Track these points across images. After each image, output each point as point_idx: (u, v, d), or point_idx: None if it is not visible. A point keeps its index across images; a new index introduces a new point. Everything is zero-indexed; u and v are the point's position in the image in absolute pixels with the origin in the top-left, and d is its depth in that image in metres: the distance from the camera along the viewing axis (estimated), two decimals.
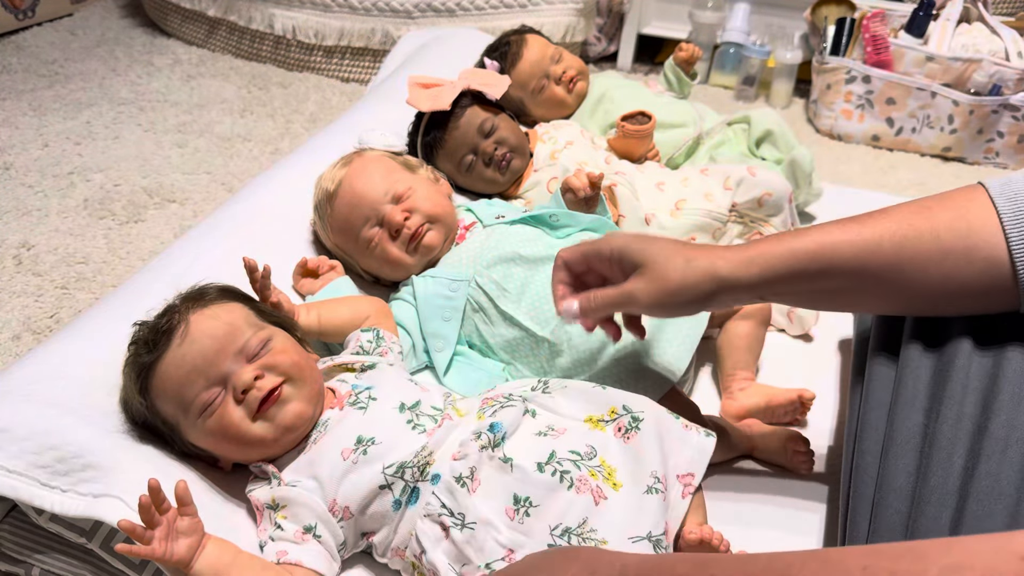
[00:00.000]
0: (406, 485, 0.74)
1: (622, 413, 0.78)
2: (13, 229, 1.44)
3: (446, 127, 1.22)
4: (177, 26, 2.27)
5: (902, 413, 0.70)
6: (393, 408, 0.78)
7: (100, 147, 1.72)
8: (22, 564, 0.77)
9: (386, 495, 0.74)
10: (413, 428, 0.77)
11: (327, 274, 1.04)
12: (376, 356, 0.88)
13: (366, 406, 0.78)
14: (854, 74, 1.87)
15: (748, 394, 1.01)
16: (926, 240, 0.66)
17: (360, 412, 0.78)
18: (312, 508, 0.74)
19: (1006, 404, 0.64)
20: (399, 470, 0.74)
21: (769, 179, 1.25)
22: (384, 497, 0.74)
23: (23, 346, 1.18)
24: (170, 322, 0.75)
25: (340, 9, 2.04)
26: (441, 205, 1.07)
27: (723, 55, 2.13)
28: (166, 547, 0.65)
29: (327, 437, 0.77)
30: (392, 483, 0.74)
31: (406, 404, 0.79)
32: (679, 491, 0.75)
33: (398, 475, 0.74)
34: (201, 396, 0.74)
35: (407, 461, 0.74)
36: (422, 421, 0.78)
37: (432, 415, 0.79)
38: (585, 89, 1.48)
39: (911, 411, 0.69)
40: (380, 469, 0.74)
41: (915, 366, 0.71)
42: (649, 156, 1.36)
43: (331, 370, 0.86)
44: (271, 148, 1.77)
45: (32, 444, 0.70)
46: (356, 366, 0.86)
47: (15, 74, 2.02)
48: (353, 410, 0.78)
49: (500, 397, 0.80)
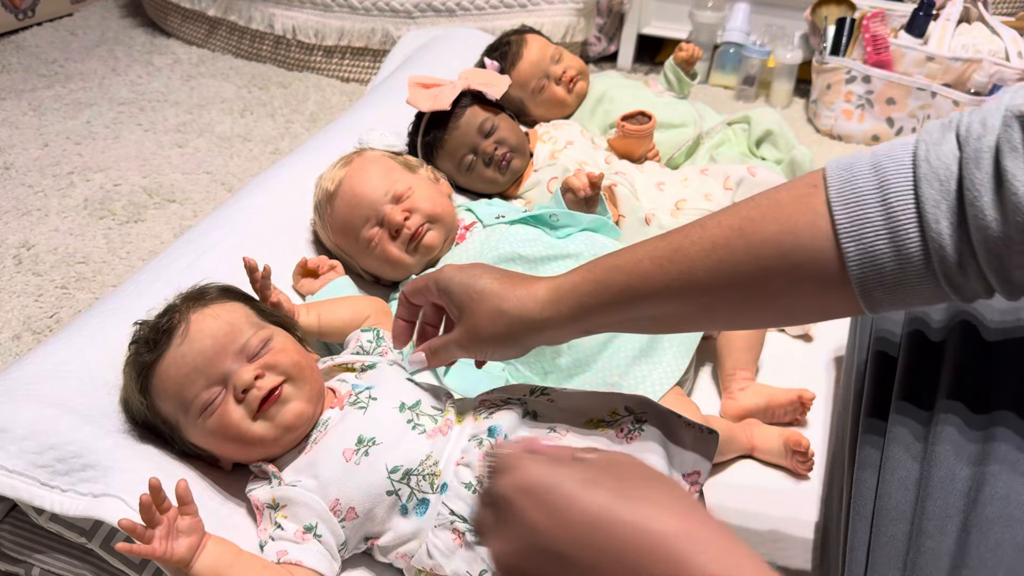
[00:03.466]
0: (412, 492, 0.74)
1: (623, 414, 0.78)
2: (13, 229, 1.44)
3: (446, 127, 1.22)
4: (177, 26, 2.27)
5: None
6: (393, 408, 0.78)
7: (100, 147, 1.72)
8: (22, 564, 0.77)
9: (393, 500, 0.74)
10: (413, 428, 0.77)
11: (327, 274, 1.04)
12: (376, 356, 0.88)
13: (366, 406, 0.78)
14: (854, 74, 1.87)
15: (748, 394, 1.01)
16: (743, 263, 0.59)
17: (360, 412, 0.78)
18: (313, 508, 0.73)
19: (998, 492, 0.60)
20: (405, 476, 0.74)
21: (769, 179, 1.25)
22: (390, 502, 0.74)
23: (23, 346, 1.18)
24: (171, 321, 0.75)
25: (340, 9, 2.04)
26: (441, 205, 1.07)
27: (723, 55, 2.13)
28: (166, 546, 0.65)
29: (328, 437, 0.77)
30: (399, 489, 0.74)
31: (406, 404, 0.79)
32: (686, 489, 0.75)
33: (404, 481, 0.74)
34: (201, 395, 0.74)
35: (412, 468, 0.74)
36: (422, 421, 0.78)
37: (432, 415, 0.79)
38: (585, 89, 1.48)
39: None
40: (384, 472, 0.74)
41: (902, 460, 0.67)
42: (649, 156, 1.36)
43: (331, 370, 0.86)
44: (271, 148, 1.77)
45: (32, 444, 0.70)
46: (356, 366, 0.86)
47: (15, 74, 2.02)
48: (353, 410, 0.78)
49: (498, 400, 0.80)
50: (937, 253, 0.53)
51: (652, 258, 0.63)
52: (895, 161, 0.55)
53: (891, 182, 0.54)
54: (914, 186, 0.53)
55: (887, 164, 0.55)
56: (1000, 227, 0.50)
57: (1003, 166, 0.50)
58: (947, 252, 0.52)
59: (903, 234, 0.53)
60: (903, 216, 0.53)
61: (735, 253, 0.59)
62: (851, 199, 0.55)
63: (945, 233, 0.52)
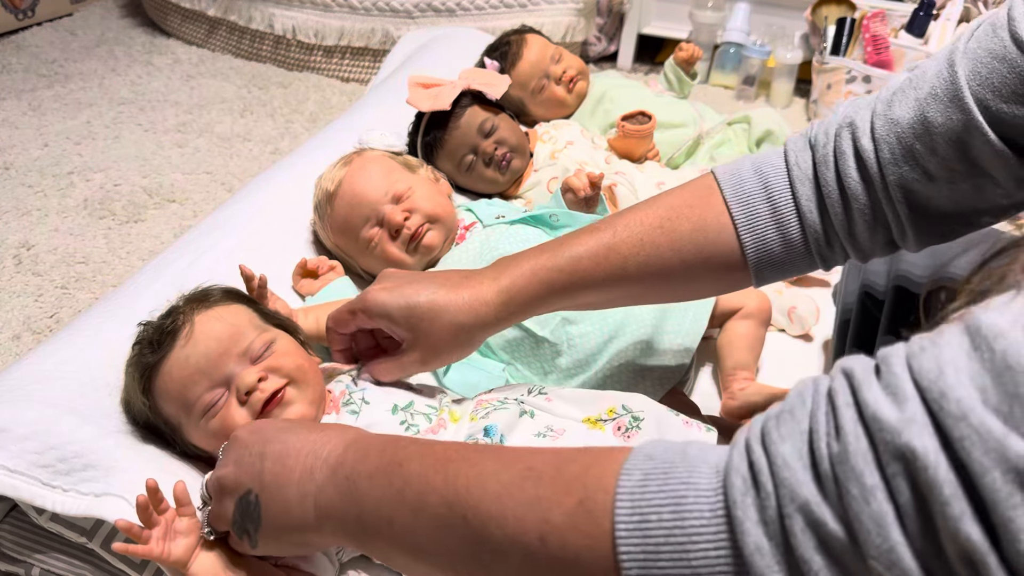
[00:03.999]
0: None
1: (621, 413, 0.78)
2: (13, 229, 1.44)
3: (446, 127, 1.22)
4: (177, 26, 2.27)
5: None
6: (386, 411, 0.78)
7: (100, 147, 1.72)
8: (22, 564, 0.77)
9: None
10: (407, 429, 0.77)
11: (327, 274, 1.04)
12: None
13: (359, 410, 0.78)
14: (854, 74, 1.87)
15: (748, 394, 1.01)
16: (668, 258, 0.71)
17: (353, 417, 0.78)
18: None
19: None
20: None
21: None
22: None
23: (23, 346, 1.18)
24: (174, 323, 0.75)
25: (340, 9, 2.04)
26: (441, 205, 1.07)
27: (723, 55, 2.13)
28: (163, 547, 0.65)
29: None
30: None
31: (399, 405, 0.79)
32: None
33: None
34: (204, 397, 0.74)
35: None
36: (416, 421, 0.78)
37: (426, 413, 0.79)
38: (585, 89, 1.48)
39: None
40: None
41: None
42: (649, 156, 1.36)
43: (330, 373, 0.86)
44: (271, 148, 1.77)
45: (33, 444, 0.70)
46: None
47: (15, 74, 2.02)
48: (346, 413, 0.78)
49: (495, 400, 0.80)
50: (812, 236, 0.67)
51: (589, 256, 0.72)
52: (773, 167, 0.69)
53: (772, 184, 0.68)
54: (791, 186, 0.68)
55: (767, 170, 0.69)
56: (844, 210, 0.66)
57: (839, 166, 0.65)
58: (819, 234, 0.67)
59: (787, 224, 0.68)
60: (785, 210, 0.68)
61: (660, 248, 0.71)
62: (743, 199, 0.69)
63: (816, 221, 0.67)
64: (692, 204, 0.71)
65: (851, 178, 0.64)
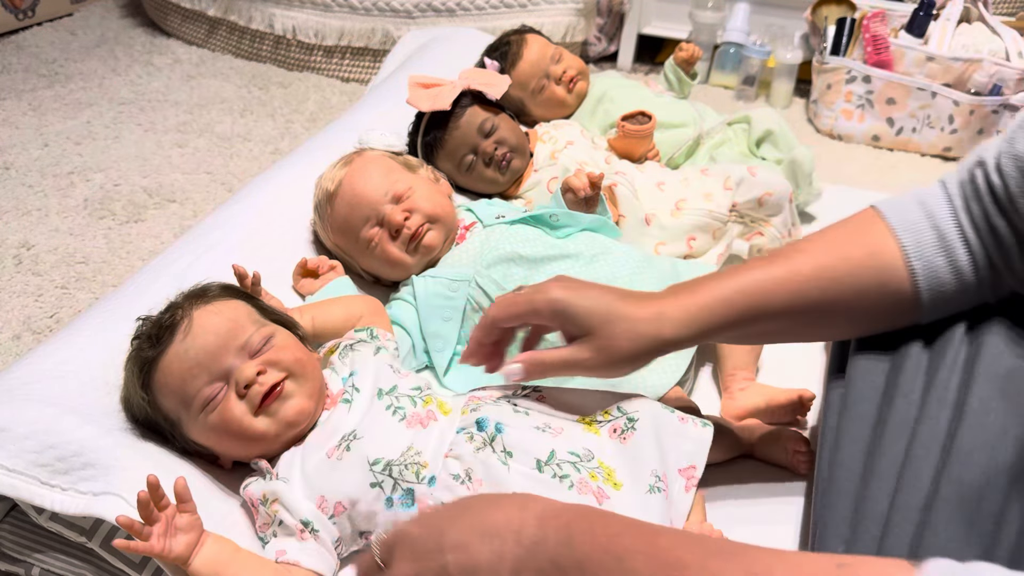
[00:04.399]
0: (396, 483, 0.74)
1: (616, 415, 0.78)
2: (13, 229, 1.44)
3: (446, 127, 1.22)
4: (177, 26, 2.27)
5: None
6: (371, 396, 0.79)
7: (100, 147, 1.72)
8: (22, 564, 0.77)
9: (376, 493, 0.74)
10: (393, 413, 0.77)
11: (327, 274, 1.04)
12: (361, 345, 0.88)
13: (351, 399, 0.79)
14: (854, 74, 1.87)
15: (748, 394, 1.01)
16: (846, 283, 0.71)
17: (345, 407, 0.78)
18: (301, 504, 0.74)
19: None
20: (386, 468, 0.74)
21: (769, 179, 1.25)
22: (374, 495, 0.74)
23: (23, 346, 1.18)
24: (173, 318, 0.76)
25: (340, 9, 2.04)
26: (441, 205, 1.07)
27: (723, 55, 2.13)
28: (164, 543, 0.65)
29: (315, 434, 0.78)
30: (382, 481, 0.74)
31: (383, 390, 0.80)
32: (682, 485, 0.75)
33: (385, 472, 0.74)
34: (203, 391, 0.74)
35: (393, 459, 0.75)
36: (402, 403, 0.78)
37: (411, 395, 0.79)
38: (585, 89, 1.48)
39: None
40: (366, 465, 0.74)
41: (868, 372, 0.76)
42: (649, 156, 1.36)
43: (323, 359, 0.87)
44: (271, 148, 1.77)
45: (32, 443, 0.70)
46: (339, 346, 0.86)
47: (15, 74, 2.02)
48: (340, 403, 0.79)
49: (488, 399, 0.81)
50: (981, 262, 0.69)
51: (771, 279, 0.72)
52: (933, 196, 0.71)
53: (936, 212, 0.70)
54: (954, 215, 0.69)
55: (928, 200, 0.71)
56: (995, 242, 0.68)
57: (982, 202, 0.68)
58: (984, 259, 0.69)
59: (954, 251, 0.69)
60: (952, 236, 0.69)
61: (837, 272, 0.71)
62: (908, 227, 0.70)
63: (979, 248, 0.69)
64: (858, 231, 0.73)
65: (990, 212, 0.67)
